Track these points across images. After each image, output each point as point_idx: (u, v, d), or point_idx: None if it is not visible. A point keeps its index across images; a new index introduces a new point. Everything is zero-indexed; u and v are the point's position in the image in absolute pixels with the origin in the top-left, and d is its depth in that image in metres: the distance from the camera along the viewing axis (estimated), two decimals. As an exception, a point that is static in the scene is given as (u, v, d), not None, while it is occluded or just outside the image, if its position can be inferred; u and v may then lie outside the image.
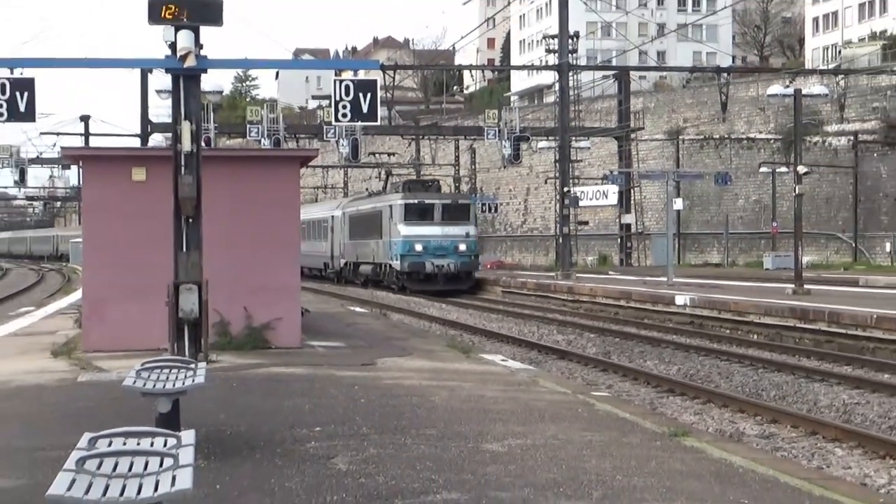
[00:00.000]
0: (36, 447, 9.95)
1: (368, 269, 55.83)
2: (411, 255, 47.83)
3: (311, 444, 11.33)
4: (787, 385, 20.78)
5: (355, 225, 59.62)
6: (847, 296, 38.63)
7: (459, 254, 48.74)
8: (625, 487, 9.46)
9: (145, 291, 17.82)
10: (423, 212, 49.33)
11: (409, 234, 47.94)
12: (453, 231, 49.15)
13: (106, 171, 21.89)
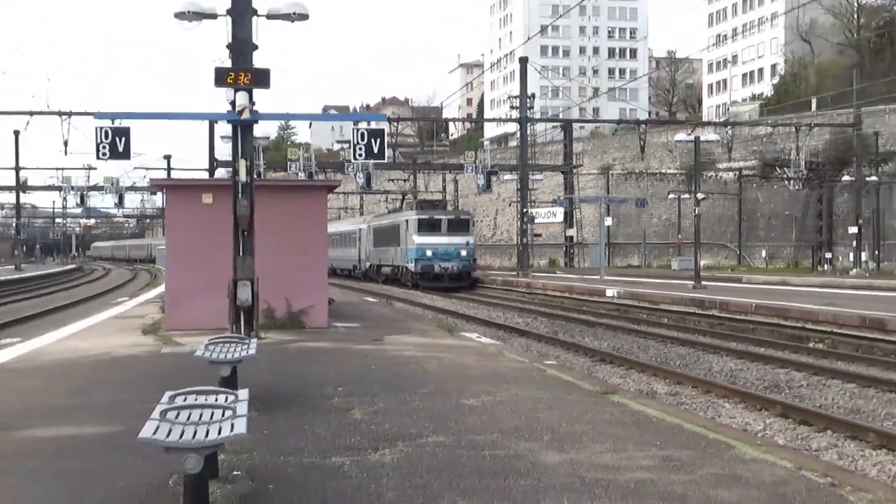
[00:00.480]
0: (130, 401, 9.92)
1: (388, 269, 55.03)
2: (423, 259, 47.48)
3: (335, 399, 11.33)
4: (689, 356, 20.82)
5: (378, 235, 58.86)
6: (733, 290, 38.73)
7: (461, 258, 48.38)
8: (568, 432, 9.47)
9: (212, 286, 17.79)
10: (432, 225, 48.77)
11: (422, 243, 47.69)
12: (456, 240, 48.75)
13: (183, 196, 21.95)
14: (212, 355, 9.93)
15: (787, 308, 27.24)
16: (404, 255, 50.23)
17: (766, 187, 75.47)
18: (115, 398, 11.41)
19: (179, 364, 13.57)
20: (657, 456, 8.38)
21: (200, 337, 12.81)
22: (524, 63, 62.13)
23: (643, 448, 8.72)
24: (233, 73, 17.25)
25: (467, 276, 49.09)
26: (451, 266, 47.85)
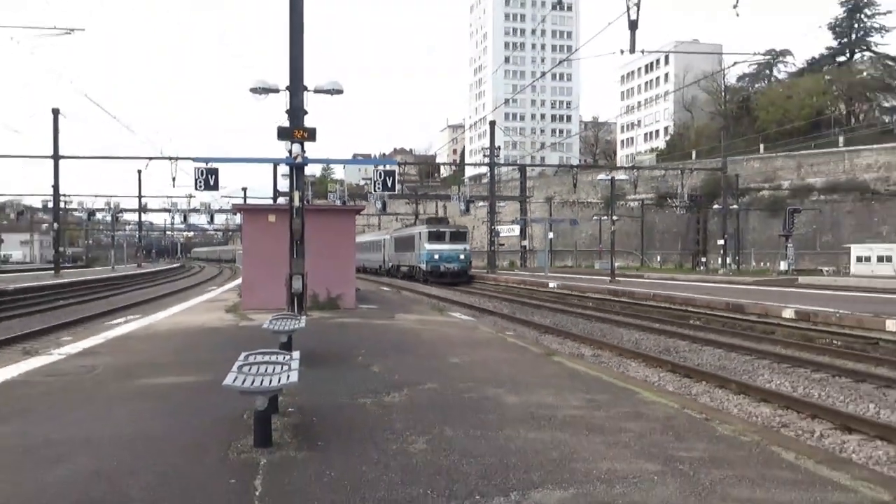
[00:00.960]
0: (216, 359, 9.89)
1: (405, 269, 53.39)
2: (432, 260, 45.90)
3: (360, 358, 11.31)
4: (606, 329, 20.86)
5: (398, 243, 57.36)
6: (637, 283, 38.79)
7: (460, 260, 46.90)
8: (522, 381, 9.48)
9: (274, 278, 17.76)
10: (439, 236, 47.25)
11: (431, 249, 46.32)
12: (456, 247, 47.20)
13: (254, 216, 21.92)
14: (274, 327, 9.95)
15: (674, 296, 27.35)
16: (418, 257, 48.64)
17: (660, 212, 75.56)
18: (206, 357, 11.40)
19: (252, 333, 13.57)
20: (584, 399, 8.40)
21: (266, 314, 12.79)
22: (492, 125, 62.27)
23: (574, 393, 8.74)
24: (291, 131, 17.28)
25: (465, 273, 47.57)
26: (452, 266, 46.46)
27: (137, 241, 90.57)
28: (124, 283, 46.64)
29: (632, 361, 14.89)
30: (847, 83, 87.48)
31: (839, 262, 58.38)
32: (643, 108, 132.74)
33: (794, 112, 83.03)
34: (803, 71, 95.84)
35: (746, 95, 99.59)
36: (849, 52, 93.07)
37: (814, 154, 71.43)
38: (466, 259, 48.23)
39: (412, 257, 51.11)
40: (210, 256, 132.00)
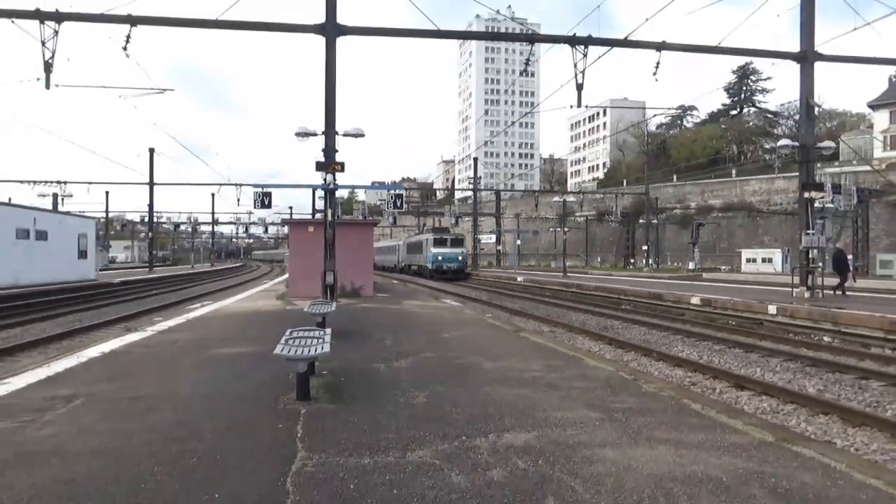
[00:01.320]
0: (268, 334, 9.80)
1: (415, 267, 50.64)
2: (436, 261, 43.59)
3: (376, 334, 11.23)
4: (561, 312, 20.79)
5: (409, 247, 55.45)
6: (583, 278, 38.72)
7: (458, 261, 44.48)
8: (499, 352, 9.42)
9: (312, 274, 17.65)
10: (442, 242, 44.81)
11: (436, 252, 43.98)
12: (455, 251, 44.75)
13: (298, 228, 21.78)
14: (312, 310, 9.90)
15: (610, 288, 27.30)
16: (425, 259, 46.40)
17: (600, 225, 75.45)
18: (261, 333, 11.28)
19: (296, 315, 13.46)
20: (543, 364, 8.36)
21: (306, 301, 12.73)
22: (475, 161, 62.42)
23: (536, 360, 8.69)
24: (325, 164, 17.20)
25: (462, 271, 45.19)
26: (452, 265, 44.05)
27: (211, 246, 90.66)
28: (201, 278, 46.36)
29: (579, 336, 14.84)
30: (738, 130, 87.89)
31: (733, 262, 58.46)
32: (587, 147, 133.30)
33: (699, 152, 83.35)
34: (706, 121, 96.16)
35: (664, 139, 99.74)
36: (739, 107, 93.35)
37: (713, 182, 71.62)
38: (463, 260, 46.22)
39: (420, 258, 48.98)
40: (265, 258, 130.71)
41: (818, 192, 19.76)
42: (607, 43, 17.57)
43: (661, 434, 5.07)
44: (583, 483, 3.95)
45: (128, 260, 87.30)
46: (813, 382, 9.46)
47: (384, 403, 6.00)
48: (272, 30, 16.95)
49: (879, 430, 6.78)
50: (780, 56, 19.54)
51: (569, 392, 6.61)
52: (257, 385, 6.78)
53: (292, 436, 4.91)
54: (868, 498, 3.78)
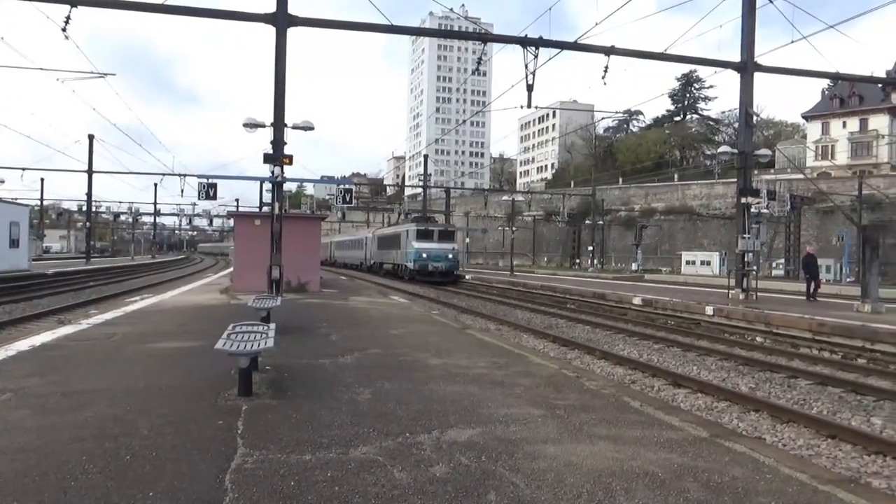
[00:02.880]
0: (211, 329, 9.56)
1: (389, 266, 41.88)
2: (420, 259, 35.29)
3: (322, 330, 11.10)
4: (507, 310, 21.01)
5: (381, 242, 45.80)
6: (530, 277, 39.22)
7: (448, 260, 36.11)
8: (444, 348, 9.44)
9: (258, 267, 17.36)
10: (427, 234, 36.33)
11: (419, 248, 35.49)
12: (445, 246, 36.21)
13: (244, 221, 21.33)
14: (256, 304, 9.72)
15: (556, 287, 27.71)
16: (404, 256, 37.95)
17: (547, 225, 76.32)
18: (203, 327, 11.00)
19: (240, 309, 13.19)
20: (489, 361, 8.41)
21: (251, 295, 12.48)
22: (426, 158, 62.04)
23: (482, 357, 8.74)
24: (273, 157, 16.91)
25: (452, 273, 36.98)
26: (440, 265, 35.76)
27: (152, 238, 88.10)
28: (141, 270, 44.98)
29: (525, 334, 15.00)
30: (681, 136, 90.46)
31: (674, 264, 60.13)
32: (536, 148, 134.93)
33: (644, 156, 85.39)
34: (651, 126, 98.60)
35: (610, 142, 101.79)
36: (682, 113, 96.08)
37: (657, 186, 73.49)
38: (455, 259, 37.80)
39: (397, 255, 40.48)
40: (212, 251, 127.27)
41: (754, 198, 20.54)
42: (558, 45, 17.81)
43: (601, 430, 5.17)
44: (524, 479, 4.00)
45: (63, 250, 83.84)
46: (746, 381, 9.81)
47: (328, 400, 5.93)
48: (221, 17, 16.53)
49: (806, 427, 7.09)
50: (722, 65, 20.18)
51: (513, 389, 6.67)
52: (198, 380, 6.61)
53: (233, 432, 4.81)
54: (793, 491, 3.95)
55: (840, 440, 6.60)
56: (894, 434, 6.95)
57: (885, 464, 5.94)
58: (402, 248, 39.04)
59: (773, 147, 53.10)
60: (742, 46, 19.69)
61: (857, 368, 10.90)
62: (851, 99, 69.08)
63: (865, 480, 5.41)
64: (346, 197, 19.89)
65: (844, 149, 68.41)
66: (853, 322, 13.39)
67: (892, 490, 5.25)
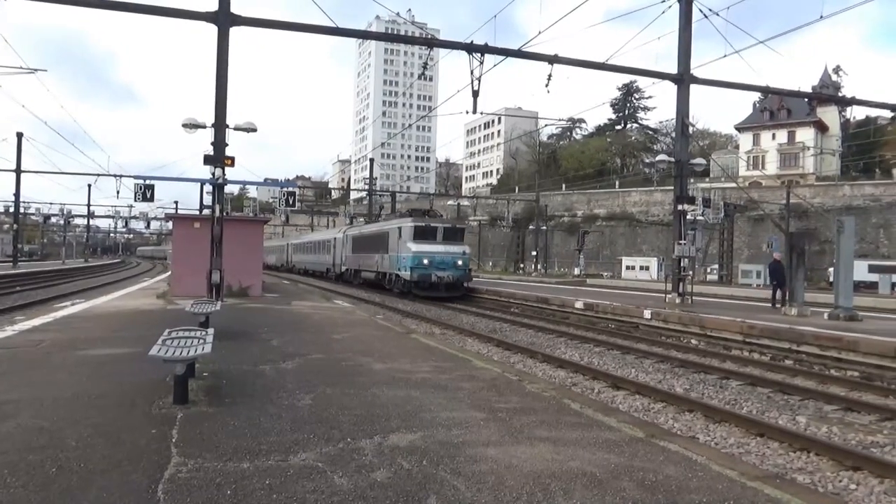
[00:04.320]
0: (146, 335, 9.23)
1: (371, 275, 32.71)
2: (420, 267, 27.02)
3: (263, 335, 10.87)
4: (452, 314, 21.06)
5: (358, 243, 35.97)
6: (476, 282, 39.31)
7: (457, 268, 27.69)
8: (387, 353, 9.38)
9: (197, 272, 16.86)
10: (428, 233, 27.83)
11: (419, 251, 27.16)
12: (452, 249, 27.90)
13: (183, 223, 20.77)
14: (195, 309, 9.45)
15: (500, 291, 27.86)
16: (395, 262, 28.90)
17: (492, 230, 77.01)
18: (138, 333, 10.61)
19: (177, 314, 12.79)
20: (432, 365, 8.42)
21: (189, 300, 12.13)
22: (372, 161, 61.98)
23: (426, 361, 8.74)
24: (214, 160, 16.53)
25: (461, 285, 28.28)
26: (447, 275, 27.31)
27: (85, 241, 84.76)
28: (73, 275, 43.16)
29: (469, 338, 15.06)
30: (622, 144, 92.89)
31: (615, 269, 61.54)
32: (482, 154, 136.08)
33: (587, 163, 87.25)
34: (593, 134, 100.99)
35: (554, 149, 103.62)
36: (623, 122, 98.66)
37: (599, 193, 75.20)
38: (466, 266, 28.45)
39: (383, 261, 30.98)
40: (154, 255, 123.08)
41: (690, 205, 21.23)
42: (502, 52, 18.01)
43: (541, 433, 5.24)
44: (465, 482, 4.01)
45: (-12, 253, 79.79)
46: (681, 382, 10.12)
47: (268, 406, 5.82)
48: (160, 14, 16.07)
49: (736, 426, 7.35)
50: (660, 76, 20.80)
51: (456, 393, 6.69)
52: (131, 388, 6.38)
53: (167, 441, 4.66)
54: (723, 488, 4.09)
55: (768, 438, 6.87)
56: (818, 431, 7.28)
57: (809, 460, 6.21)
58: (390, 252, 29.81)
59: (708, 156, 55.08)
60: (679, 59, 20.34)
61: (785, 369, 11.39)
62: (780, 112, 72.30)
63: (791, 476, 5.65)
64: (289, 200, 19.63)
65: (774, 159, 71.52)
66: (781, 325, 13.98)
67: (815, 484, 5.50)
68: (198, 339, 6.22)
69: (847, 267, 15.99)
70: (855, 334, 12.22)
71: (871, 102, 24.12)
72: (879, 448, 6.69)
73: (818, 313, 16.71)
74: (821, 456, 6.25)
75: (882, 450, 6.62)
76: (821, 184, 62.42)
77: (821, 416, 8.10)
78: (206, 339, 6.21)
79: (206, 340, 6.16)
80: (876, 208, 53.16)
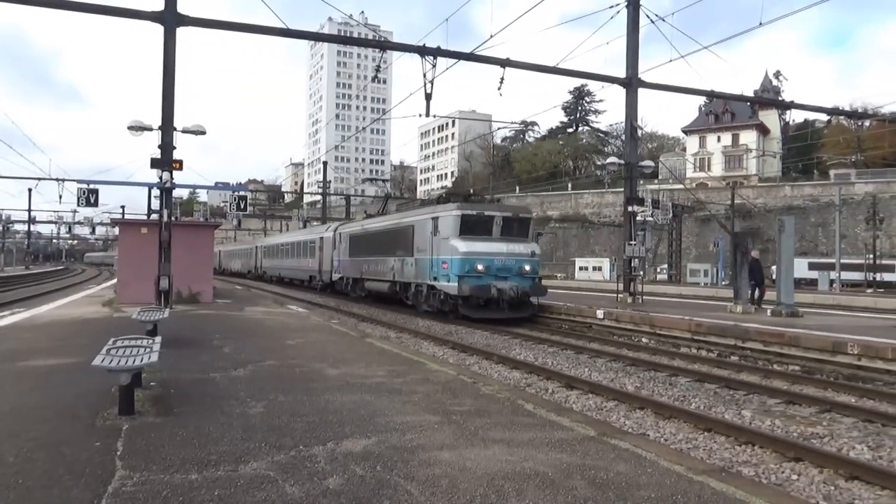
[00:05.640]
0: (91, 344, 8.94)
1: (382, 286, 24.12)
2: (472, 276, 17.85)
3: (214, 342, 10.64)
4: (408, 318, 20.92)
5: (360, 243, 26.97)
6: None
7: (524, 276, 18.55)
8: (342, 357, 9.30)
9: (145, 278, 16.43)
10: (481, 226, 18.57)
11: (470, 252, 17.97)
12: (518, 249, 18.73)
13: (129, 229, 20.13)
14: (142, 317, 9.22)
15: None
16: (426, 268, 20.14)
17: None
18: (83, 342, 10.25)
19: (123, 323, 12.42)
20: (387, 369, 8.38)
21: (136, 307, 11.80)
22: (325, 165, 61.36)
23: (380, 365, 8.70)
24: (161, 163, 16.13)
25: (528, 302, 19.13)
26: (510, 287, 18.17)
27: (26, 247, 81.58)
28: (12, 283, 41.50)
29: (425, 341, 15.02)
30: (574, 147, 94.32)
31: (568, 270, 62.40)
32: (436, 156, 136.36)
33: (539, 165, 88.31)
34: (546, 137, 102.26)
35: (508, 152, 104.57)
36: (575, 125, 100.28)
37: (552, 195, 76.23)
38: (535, 272, 19.55)
39: (406, 267, 21.84)
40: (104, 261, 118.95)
41: (640, 207, 21.72)
42: (455, 56, 18.09)
43: (495, 434, 5.26)
44: (419, 486, 4.00)
45: (-80, 261, 76.09)
46: (632, 380, 10.31)
47: (218, 415, 5.69)
48: (105, 13, 15.62)
49: (685, 422, 7.53)
50: (610, 80, 21.20)
51: (411, 397, 6.67)
52: (75, 400, 6.16)
53: (111, 454, 4.51)
54: (671, 483, 4.18)
55: (715, 433, 7.06)
56: (762, 425, 7.52)
57: (754, 452, 6.41)
58: (417, 254, 20.77)
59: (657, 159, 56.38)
60: (627, 63, 20.77)
61: (731, 365, 11.73)
62: (725, 115, 74.62)
63: (736, 469, 5.81)
64: (240, 204, 19.28)
65: (719, 161, 73.72)
66: (727, 322, 14.40)
67: (759, 476, 5.67)
68: (144, 347, 6.05)
69: (788, 265, 16.58)
70: (796, 330, 12.68)
71: (809, 106, 25.11)
72: (819, 439, 6.94)
73: (762, 310, 17.28)
74: (764, 448, 6.45)
75: (822, 440, 6.88)
76: (763, 185, 64.66)
77: (765, 409, 8.37)
78: (153, 348, 6.04)
79: (154, 349, 6.00)
80: (815, 208, 55.36)
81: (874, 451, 6.46)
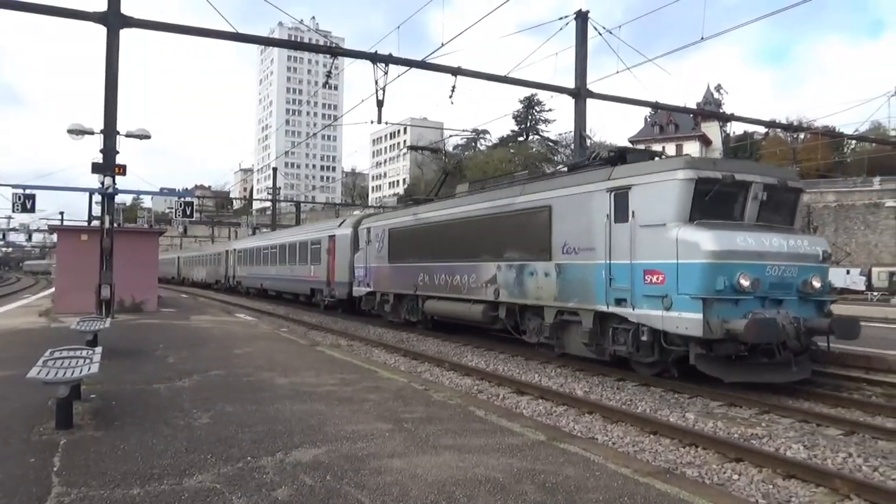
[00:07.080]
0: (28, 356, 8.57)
1: (467, 310, 14.08)
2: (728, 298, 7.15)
3: (158, 352, 10.36)
4: (359, 325, 20.76)
5: (412, 242, 17.15)
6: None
7: (808, 296, 7.89)
8: (291, 366, 9.18)
9: (84, 287, 15.89)
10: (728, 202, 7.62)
11: (726, 251, 7.03)
12: (803, 246, 7.60)
13: (68, 236, 19.47)
14: (81, 327, 8.90)
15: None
16: (604, 282, 9.59)
17: (399, 240, 76.92)
18: (19, 354, 9.84)
19: (62, 333, 11.97)
20: (338, 378, 8.31)
21: (76, 317, 11.38)
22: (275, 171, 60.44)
23: (331, 374, 8.62)
24: (102, 168, 15.63)
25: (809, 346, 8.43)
26: (790, 321, 7.85)
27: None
28: (-59, 291, 39.50)
29: (376, 349, 14.91)
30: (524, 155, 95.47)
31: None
32: (388, 163, 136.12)
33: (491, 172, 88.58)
34: (497, 145, 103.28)
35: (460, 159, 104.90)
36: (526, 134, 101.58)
37: (503, 202, 76.90)
38: (824, 288, 9.02)
39: (537, 280, 11.85)
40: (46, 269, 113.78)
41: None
42: (406, 63, 18.10)
43: (446, 441, 5.27)
44: (369, 494, 3.97)
45: None
46: (581, 385, 10.46)
47: (161, 427, 5.53)
48: (46, 13, 15.09)
49: (632, 425, 7.69)
50: (559, 90, 21.55)
51: (361, 405, 6.62)
52: (9, 415, 5.90)
53: (47, 469, 4.33)
54: (618, 485, 4.26)
55: (660, 435, 7.23)
56: (705, 427, 7.73)
57: (697, 454, 6.58)
58: (562, 257, 11.27)
59: (605, 167, 57.29)
60: (576, 74, 21.16)
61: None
62: (669, 126, 76.84)
63: (681, 470, 5.96)
64: (186, 210, 18.76)
65: (664, 170, 75.64)
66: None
67: (702, 477, 5.83)
68: (84, 358, 5.84)
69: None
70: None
71: (748, 119, 26.10)
72: (758, 439, 7.18)
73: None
74: (707, 450, 6.63)
75: (761, 441, 7.12)
76: (706, 194, 66.51)
77: (707, 412, 8.61)
78: (92, 359, 5.84)
79: (94, 360, 5.80)
80: (754, 217, 57.21)
81: (809, 450, 6.72)
